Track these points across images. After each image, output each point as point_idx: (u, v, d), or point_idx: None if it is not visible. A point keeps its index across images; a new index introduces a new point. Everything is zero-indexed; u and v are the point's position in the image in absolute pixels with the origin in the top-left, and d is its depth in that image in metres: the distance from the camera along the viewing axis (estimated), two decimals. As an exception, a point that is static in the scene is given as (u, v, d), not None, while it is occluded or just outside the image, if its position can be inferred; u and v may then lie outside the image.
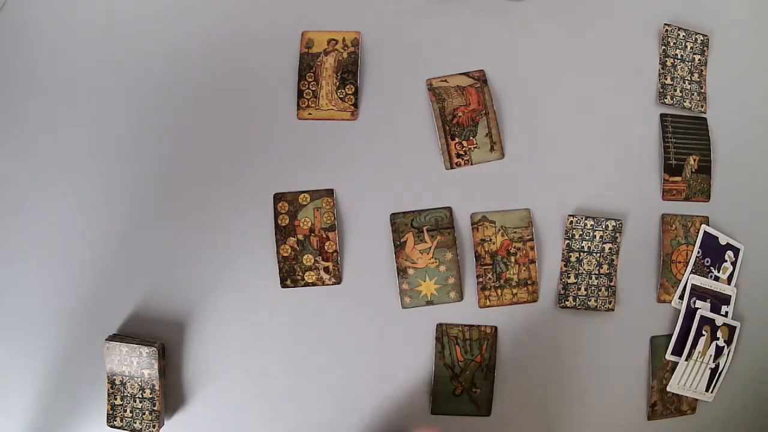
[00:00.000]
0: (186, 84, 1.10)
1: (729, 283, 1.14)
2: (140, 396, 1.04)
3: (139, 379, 1.03)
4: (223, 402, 1.08)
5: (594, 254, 1.10)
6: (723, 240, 1.14)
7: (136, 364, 1.03)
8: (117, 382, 1.04)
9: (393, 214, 1.09)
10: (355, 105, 1.10)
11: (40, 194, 1.09)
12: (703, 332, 1.11)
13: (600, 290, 1.10)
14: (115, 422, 1.05)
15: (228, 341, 1.08)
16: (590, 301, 1.10)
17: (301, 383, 1.08)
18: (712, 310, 1.12)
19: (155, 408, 1.03)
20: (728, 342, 1.12)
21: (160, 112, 1.10)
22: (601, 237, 1.10)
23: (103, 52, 1.11)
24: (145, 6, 1.12)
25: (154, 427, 1.04)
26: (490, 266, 1.09)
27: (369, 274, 1.08)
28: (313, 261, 1.07)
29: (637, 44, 1.15)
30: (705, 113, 1.16)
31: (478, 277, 1.08)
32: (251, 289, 1.08)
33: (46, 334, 1.07)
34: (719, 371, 1.12)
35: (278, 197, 1.08)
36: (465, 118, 1.10)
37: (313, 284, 1.08)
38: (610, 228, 1.10)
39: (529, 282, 1.09)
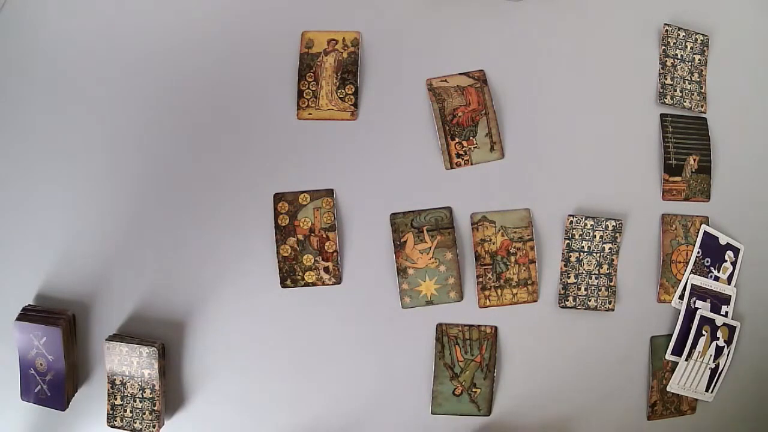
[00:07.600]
0: (186, 84, 1.10)
1: (729, 283, 1.14)
2: (140, 396, 1.04)
3: (139, 379, 1.03)
4: (223, 402, 1.08)
5: (594, 254, 1.10)
6: (723, 240, 1.14)
7: (136, 364, 1.03)
8: (117, 382, 1.04)
9: (393, 214, 1.08)
10: (355, 105, 1.10)
11: (40, 194, 1.09)
12: (703, 332, 1.11)
13: (600, 290, 1.10)
14: (115, 422, 1.05)
15: (228, 341, 1.08)
16: (590, 301, 1.10)
17: (301, 383, 1.08)
18: (712, 310, 1.12)
19: (155, 408, 1.03)
20: (728, 342, 1.12)
21: (160, 112, 1.10)
22: (601, 237, 1.10)
23: (102, 52, 1.11)
24: (145, 5, 1.12)
25: (154, 427, 1.04)
26: (490, 266, 1.09)
27: (369, 274, 1.08)
28: (313, 261, 1.07)
29: (637, 44, 1.15)
30: (705, 113, 1.15)
31: (478, 277, 1.08)
32: (251, 289, 1.08)
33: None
34: (719, 371, 1.12)
35: (278, 197, 1.08)
36: (465, 118, 1.10)
37: (313, 284, 1.08)
38: (610, 228, 1.10)
39: (529, 282, 1.09)
